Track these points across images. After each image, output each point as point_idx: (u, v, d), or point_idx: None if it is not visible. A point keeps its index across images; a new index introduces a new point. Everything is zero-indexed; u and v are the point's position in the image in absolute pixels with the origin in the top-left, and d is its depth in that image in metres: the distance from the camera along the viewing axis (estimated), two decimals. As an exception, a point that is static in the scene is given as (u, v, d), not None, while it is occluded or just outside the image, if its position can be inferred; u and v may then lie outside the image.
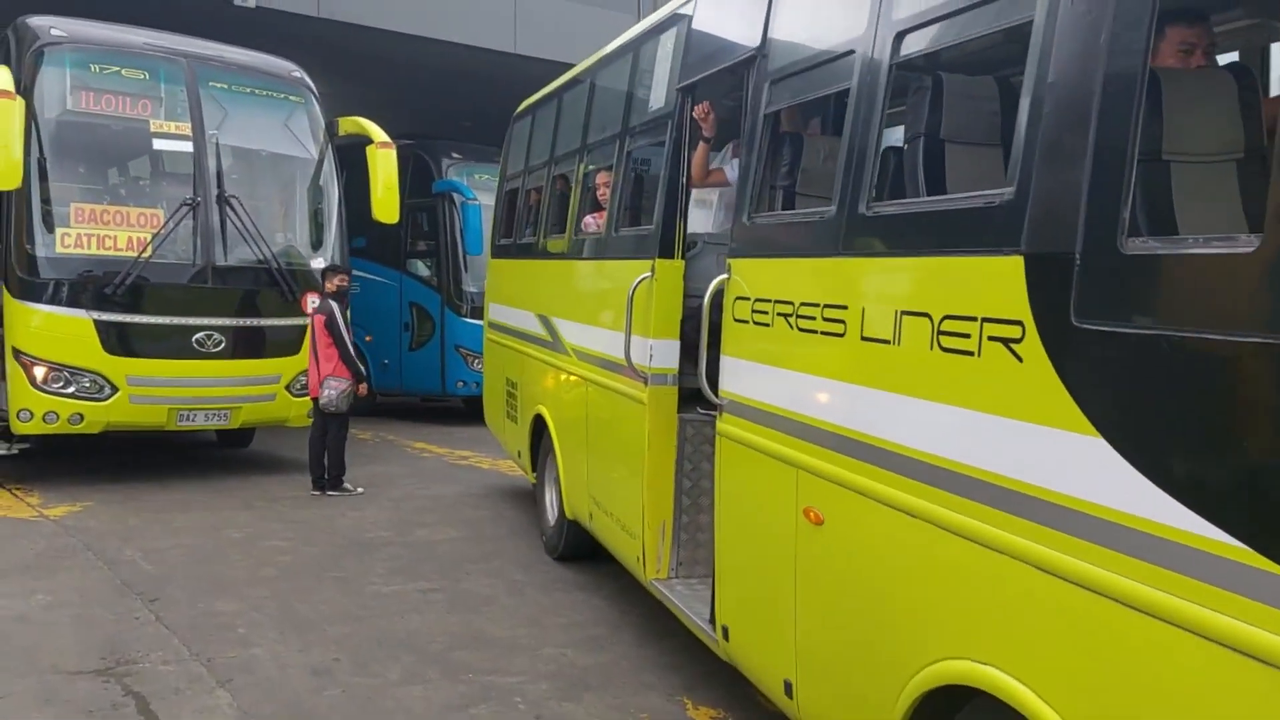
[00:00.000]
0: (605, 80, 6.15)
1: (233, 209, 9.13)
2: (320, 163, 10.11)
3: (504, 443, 8.41)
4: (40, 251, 8.46)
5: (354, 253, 12.56)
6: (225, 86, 9.66)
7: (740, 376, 3.83)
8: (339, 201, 10.14)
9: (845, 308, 3.07)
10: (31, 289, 8.41)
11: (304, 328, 9.14)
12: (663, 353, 4.82)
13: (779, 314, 3.51)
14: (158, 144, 9.32)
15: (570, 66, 7.10)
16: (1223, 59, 2.85)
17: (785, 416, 3.44)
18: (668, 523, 4.89)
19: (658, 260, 4.79)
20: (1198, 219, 2.25)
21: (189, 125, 9.23)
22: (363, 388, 8.88)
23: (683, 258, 4.81)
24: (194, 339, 8.83)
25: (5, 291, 8.57)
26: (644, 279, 4.82)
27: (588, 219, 6.24)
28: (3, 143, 8.04)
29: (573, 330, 6.14)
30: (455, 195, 12.40)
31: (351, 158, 10.27)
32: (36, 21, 8.99)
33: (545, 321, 6.79)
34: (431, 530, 7.79)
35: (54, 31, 8.95)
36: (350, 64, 15.41)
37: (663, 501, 4.87)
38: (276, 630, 5.50)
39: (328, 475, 8.83)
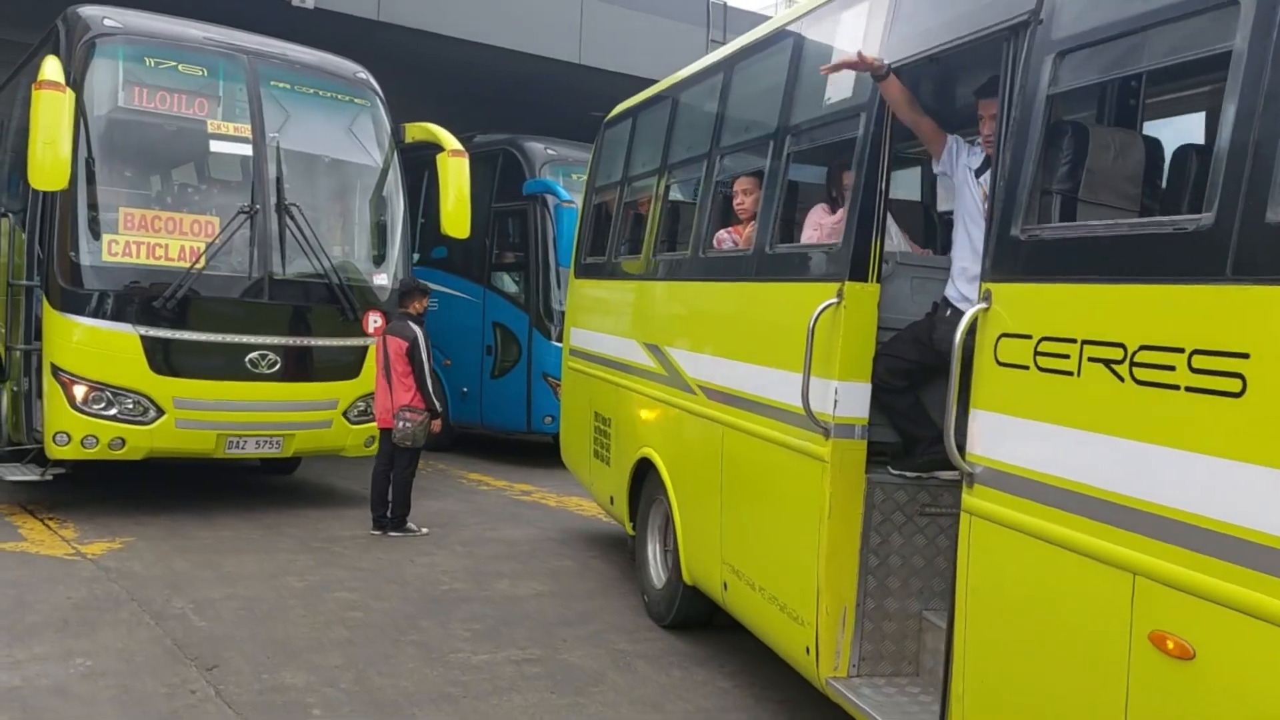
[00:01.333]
0: (750, 72, 5.28)
1: (292, 218, 8.35)
2: (386, 171, 9.35)
3: (589, 485, 7.51)
4: (85, 260, 7.68)
5: (434, 264, 11.68)
6: (288, 86, 8.90)
7: (1011, 439, 2.91)
8: (404, 213, 9.41)
9: (1246, 357, 2.16)
10: (74, 300, 7.63)
11: (364, 349, 8.35)
12: (851, 399, 3.92)
13: (1094, 359, 2.60)
14: (214, 146, 8.59)
15: (635, 78, 6.35)
16: None
17: (1111, 501, 2.52)
18: (850, 609, 3.97)
19: (848, 283, 3.89)
20: None
21: (249, 127, 8.48)
22: (436, 424, 8.02)
23: (879, 280, 3.92)
24: (247, 359, 8.05)
25: (45, 303, 7.79)
26: (829, 306, 3.92)
27: (721, 234, 5.36)
28: (49, 138, 7.28)
29: (701, 364, 5.24)
30: (549, 197, 10.85)
31: (430, 163, 9.45)
32: (89, 11, 8.26)
33: (657, 352, 5.90)
34: (513, 583, 6.90)
35: (107, 22, 8.21)
36: (408, 71, 14.69)
37: (845, 582, 3.95)
38: (357, 712, 4.61)
39: (391, 514, 7.98)
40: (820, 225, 4.80)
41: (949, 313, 3.98)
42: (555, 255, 10.58)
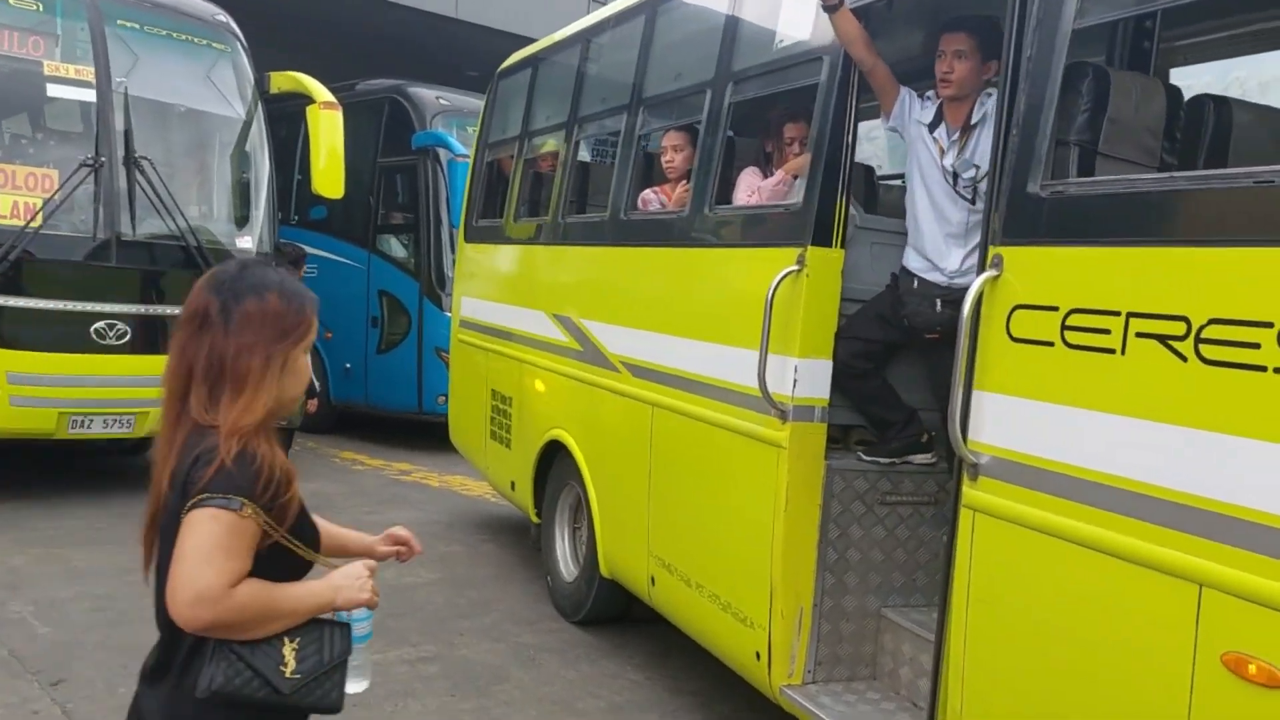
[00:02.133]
0: (682, 12, 4.77)
1: (143, 173, 7.45)
2: (249, 123, 8.51)
3: (484, 470, 6.93)
4: (-103, 216, 6.64)
5: (312, 226, 10.66)
6: (137, 26, 7.95)
7: (1030, 426, 2.54)
8: (270, 169, 8.57)
9: (1366, 334, 1.82)
10: (-114, 263, 6.60)
11: (229, 319, 7.51)
12: (811, 377, 3.51)
13: (1145, 335, 2.23)
14: (52, 90, 7.59)
15: (514, 36, 5.82)
16: None
17: (1171, 501, 2.16)
18: (806, 610, 3.57)
19: (811, 248, 3.46)
20: None
21: (91, 70, 7.51)
22: (312, 403, 7.30)
23: (843, 246, 3.51)
24: (93, 329, 7.17)
25: None
26: (788, 274, 3.49)
27: (647, 194, 4.87)
28: None
29: (625, 339, 4.75)
30: (441, 152, 9.85)
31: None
32: (-102, -67, 7.13)
33: (569, 325, 5.38)
34: (399, 572, 6.24)
35: (-78, -53, 7.12)
36: (272, 22, 13.56)
37: (802, 580, 3.56)
38: (232, 738, 3.98)
39: (261, 501, 7.22)
40: (758, 190, 4.38)
41: (915, 284, 3.62)
42: (449, 216, 9.68)
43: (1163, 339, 2.19)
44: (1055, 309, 2.47)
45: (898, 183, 5.08)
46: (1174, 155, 2.78)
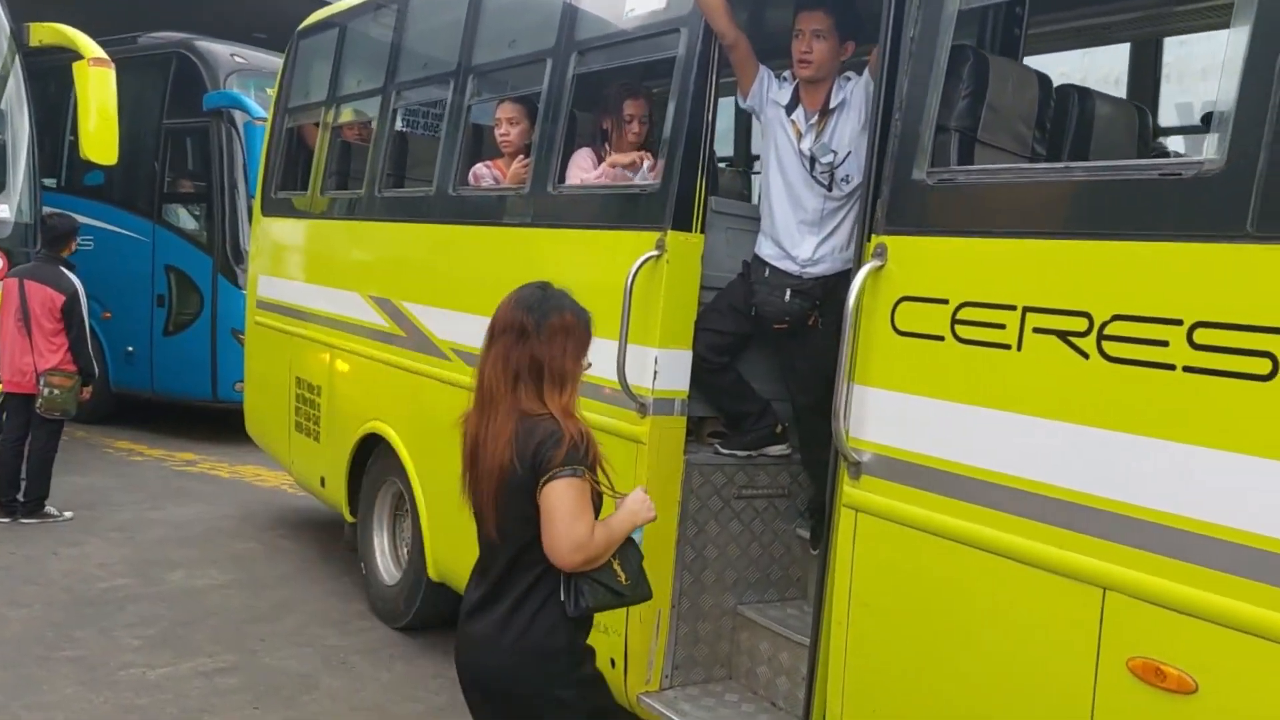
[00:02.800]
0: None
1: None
2: (3, 79, 7.52)
3: (288, 464, 6.38)
4: None
5: (87, 193, 9.46)
6: None
7: (918, 423, 2.44)
8: (30, 130, 7.64)
9: (1278, 332, 1.79)
10: None
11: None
12: (672, 369, 3.32)
13: (1043, 330, 2.16)
14: None
15: None
16: None
17: (1073, 502, 2.10)
18: (664, 612, 3.40)
19: (671, 233, 3.27)
20: None
21: None
22: (86, 390, 6.53)
23: (703, 230, 3.33)
24: None
25: None
26: (648, 260, 3.27)
27: (479, 169, 4.53)
28: None
29: (457, 325, 4.42)
30: (237, 114, 8.98)
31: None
32: None
33: (390, 308, 4.98)
34: (189, 573, 5.80)
35: None
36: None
37: (660, 582, 3.37)
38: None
39: (23, 498, 6.46)
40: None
41: (766, 273, 3.50)
42: (247, 185, 8.83)
43: (1063, 335, 2.13)
44: (945, 302, 2.38)
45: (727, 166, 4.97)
46: (1044, 145, 2.75)
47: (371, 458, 5.31)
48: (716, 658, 3.57)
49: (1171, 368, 1.94)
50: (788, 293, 3.42)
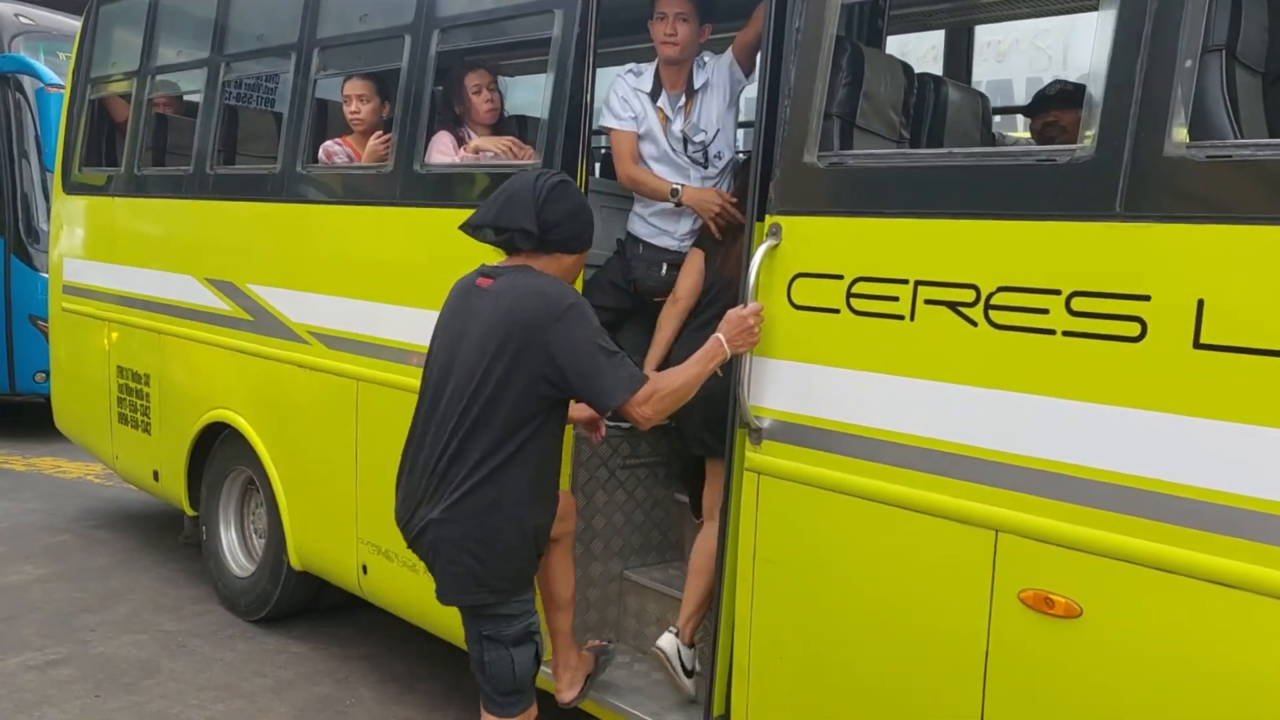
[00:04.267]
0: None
1: None
2: None
3: (111, 459, 5.98)
4: None
5: None
6: None
7: (819, 391, 2.62)
8: None
9: (1148, 299, 2.06)
10: None
11: None
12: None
13: (934, 302, 2.38)
14: None
15: None
16: None
17: (965, 455, 2.33)
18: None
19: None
20: None
21: None
22: None
23: (583, 210, 3.40)
24: None
25: None
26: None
27: (331, 146, 4.40)
28: None
29: (316, 307, 4.29)
30: (26, 80, 8.18)
31: None
32: None
33: (232, 291, 4.78)
34: (1, 570, 5.47)
35: None
36: None
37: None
38: None
39: None
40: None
41: (642, 249, 3.62)
42: (41, 158, 8.10)
43: (953, 305, 2.35)
44: (840, 277, 2.56)
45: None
46: (908, 129, 2.99)
47: (215, 448, 5.10)
48: (605, 622, 3.69)
49: (1052, 332, 2.20)
50: (664, 267, 3.56)
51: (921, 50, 5.91)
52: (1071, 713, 2.20)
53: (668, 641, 3.28)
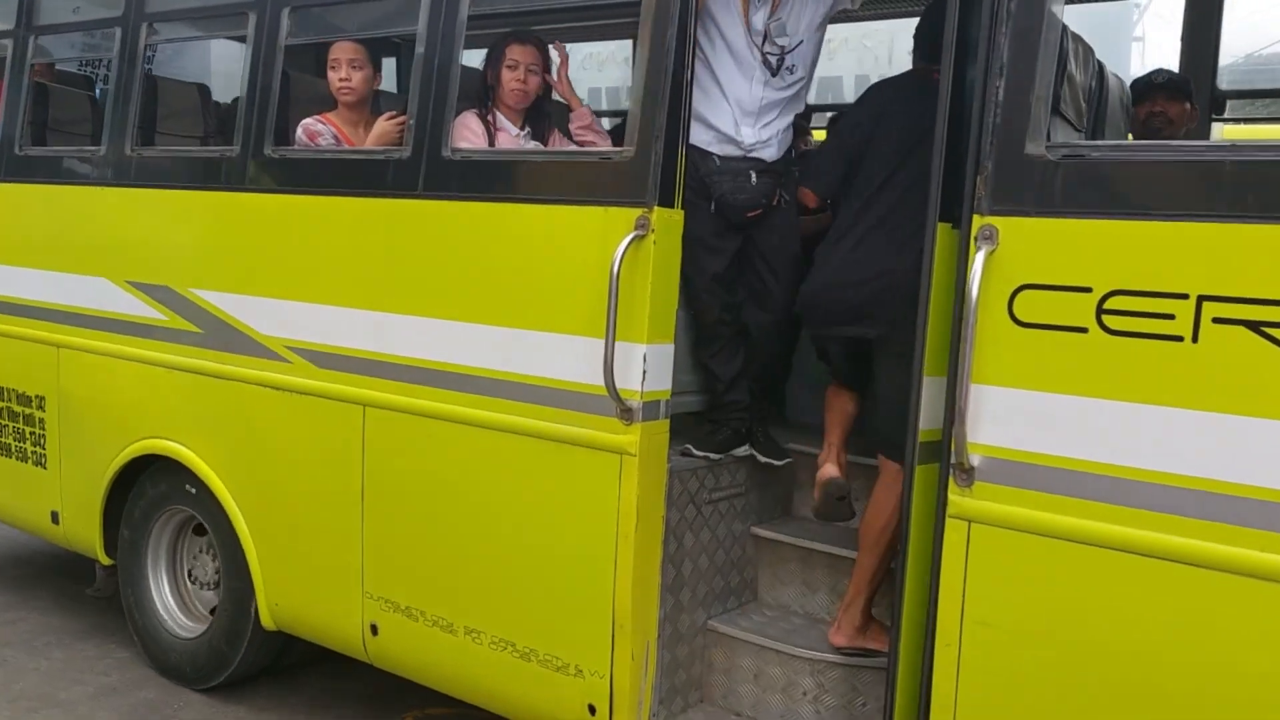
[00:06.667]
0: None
1: None
2: None
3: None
4: None
5: None
6: None
7: (1057, 422, 2.22)
8: None
9: None
10: None
11: None
12: (659, 366, 2.86)
13: (1227, 320, 2.02)
14: None
15: None
16: None
17: (1269, 501, 1.99)
18: (652, 645, 2.97)
19: (658, 209, 2.79)
20: None
21: None
22: None
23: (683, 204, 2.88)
24: None
25: None
26: (634, 240, 2.77)
27: (314, 125, 3.67)
28: None
29: (299, 319, 3.57)
30: None
31: None
32: None
33: (171, 299, 3.96)
34: None
35: None
36: None
37: (649, 613, 2.94)
38: None
39: None
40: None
41: (716, 162, 3.17)
42: None
43: (1254, 326, 2.00)
44: (1088, 290, 2.18)
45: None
46: (1087, 120, 2.64)
47: (143, 484, 4.26)
48: (691, 681, 3.21)
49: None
50: (752, 175, 3.14)
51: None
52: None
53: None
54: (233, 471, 3.85)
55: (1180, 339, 2.09)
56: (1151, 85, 3.30)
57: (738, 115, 3.12)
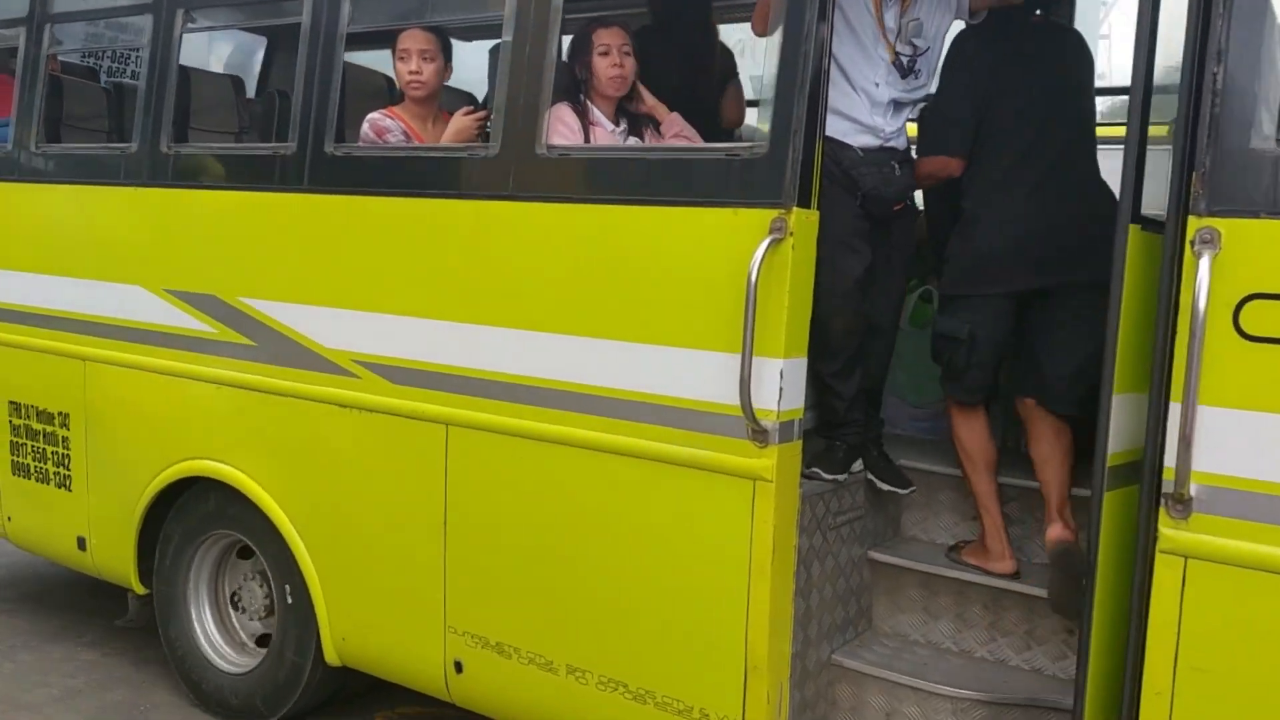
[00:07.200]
0: None
1: None
2: None
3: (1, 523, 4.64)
4: None
5: None
6: None
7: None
8: None
9: None
10: None
11: None
12: (795, 382, 2.61)
13: None
14: None
15: None
16: None
17: None
18: (785, 685, 2.72)
19: (796, 210, 2.53)
20: None
21: None
22: None
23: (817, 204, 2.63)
24: None
25: None
26: (773, 243, 2.51)
27: (381, 121, 3.37)
28: None
29: (370, 329, 3.29)
30: None
31: None
32: None
33: (219, 309, 3.65)
34: None
35: None
36: None
37: (781, 649, 2.69)
38: None
39: None
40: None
41: (860, 154, 2.98)
42: None
43: None
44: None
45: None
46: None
47: (183, 509, 3.95)
48: (815, 721, 2.97)
49: None
50: (896, 167, 2.97)
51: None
52: None
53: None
54: (291, 495, 3.56)
55: None
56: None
57: (869, 105, 2.93)
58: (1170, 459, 2.09)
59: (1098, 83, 3.42)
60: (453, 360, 3.13)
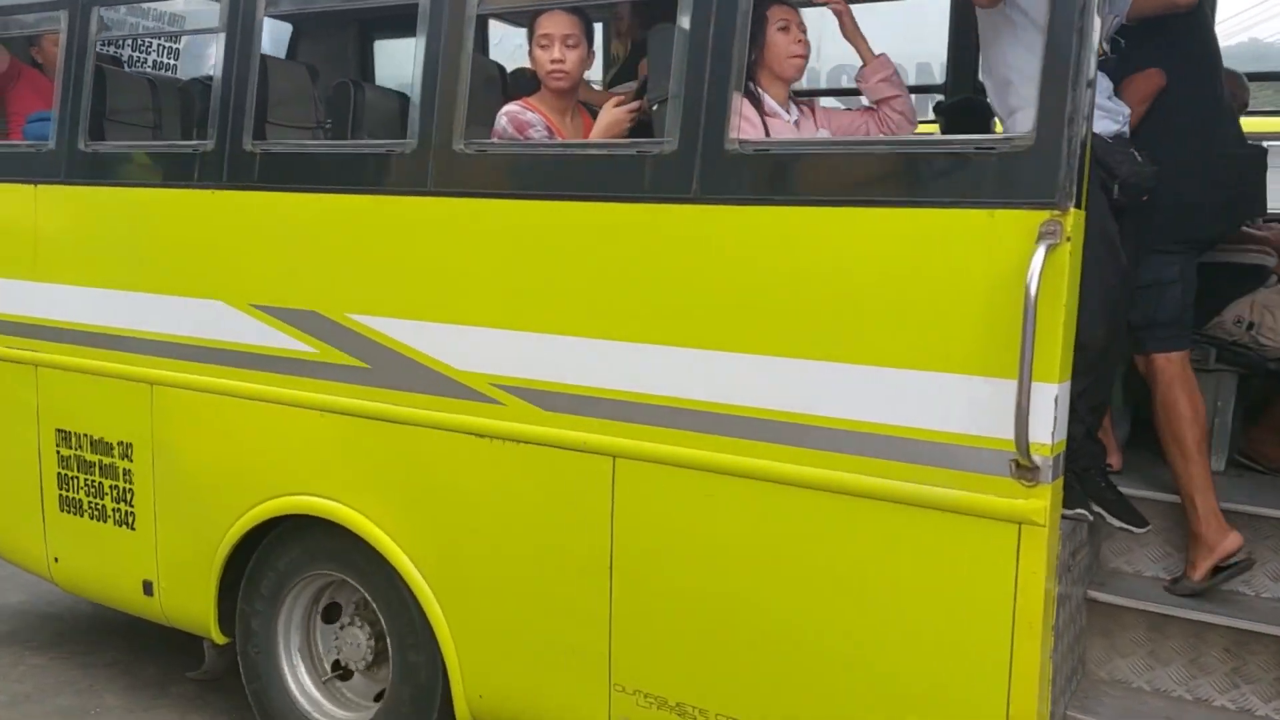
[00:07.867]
0: None
1: None
2: None
3: (45, 564, 4.14)
4: None
5: None
6: None
7: None
8: None
9: None
10: None
11: None
12: (1065, 411, 2.28)
13: None
14: None
15: None
16: None
17: None
18: (1041, 748, 2.39)
19: (1074, 211, 2.19)
20: None
21: None
22: None
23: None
24: None
25: None
26: (1050, 249, 2.17)
27: (521, 115, 2.98)
28: None
29: (521, 352, 2.88)
30: None
31: None
32: None
33: (325, 328, 3.23)
34: None
35: None
36: None
37: (1043, 711, 2.36)
38: None
39: None
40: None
41: (1111, 139, 2.68)
42: None
43: None
44: None
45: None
46: None
47: (263, 548, 3.55)
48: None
49: None
50: (1136, 154, 2.70)
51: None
52: None
53: None
54: (415, 535, 3.16)
55: None
56: None
57: (1106, 86, 2.62)
58: None
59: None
60: (618, 384, 2.76)
